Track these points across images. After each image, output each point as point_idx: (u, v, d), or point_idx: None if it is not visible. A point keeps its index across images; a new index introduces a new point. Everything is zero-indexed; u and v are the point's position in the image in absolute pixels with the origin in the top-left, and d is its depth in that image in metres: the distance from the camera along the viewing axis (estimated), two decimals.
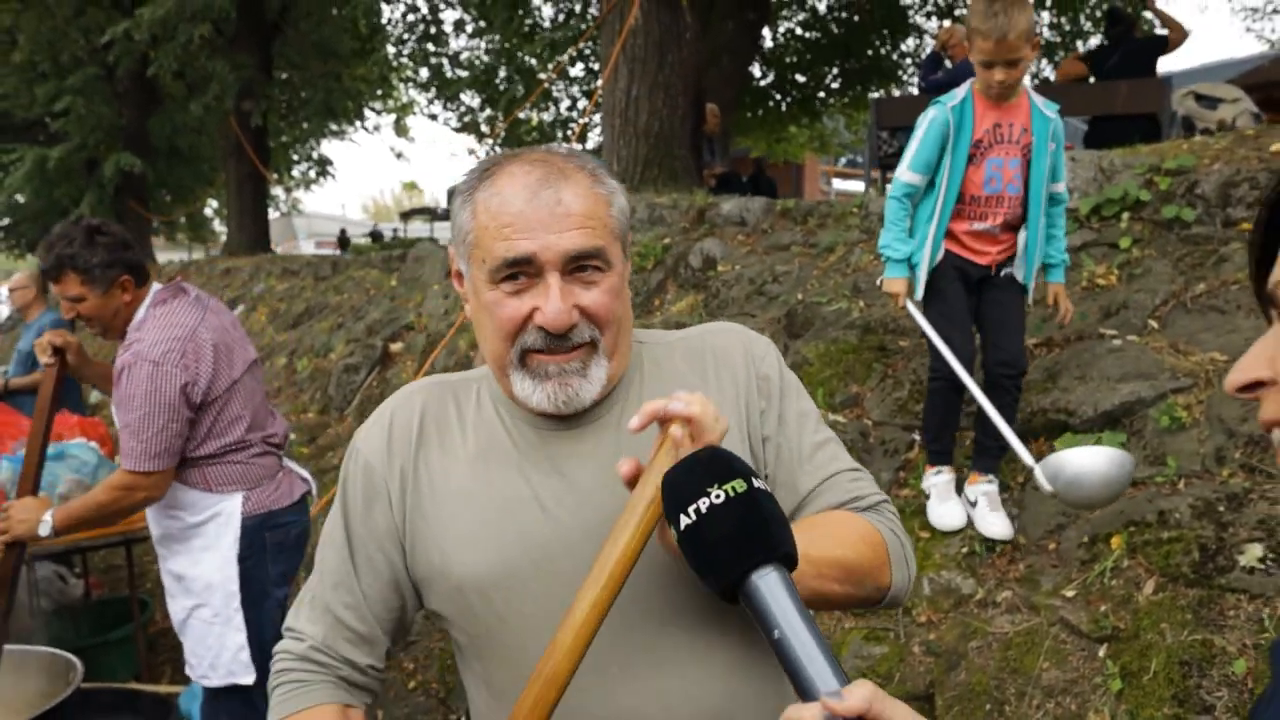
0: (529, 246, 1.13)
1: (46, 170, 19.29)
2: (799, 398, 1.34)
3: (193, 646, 2.87)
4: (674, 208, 6.48)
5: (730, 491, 0.91)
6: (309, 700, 1.26)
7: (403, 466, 1.28)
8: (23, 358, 6.38)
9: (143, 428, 2.61)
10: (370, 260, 9.87)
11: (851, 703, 0.78)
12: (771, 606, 0.87)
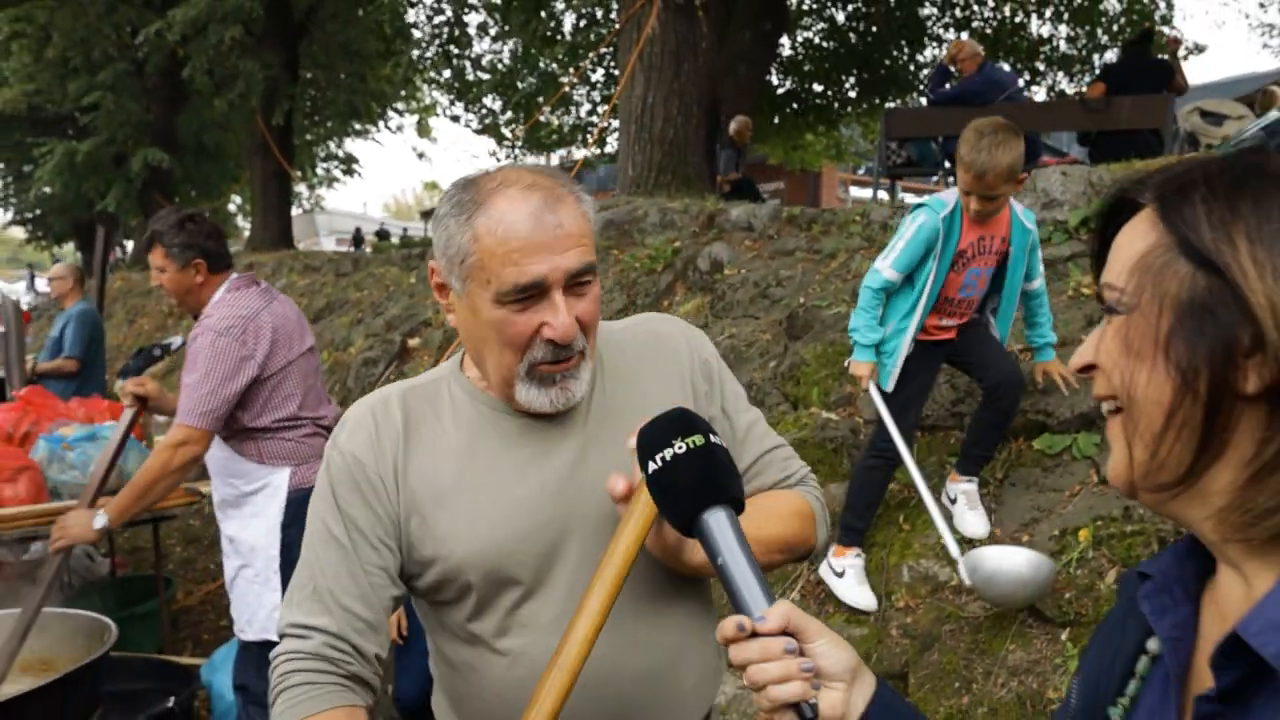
0: (540, 270, 1.23)
1: (75, 164, 19.60)
2: (733, 381, 1.54)
3: (236, 602, 3.19)
4: (685, 212, 6.68)
5: (691, 444, 1.10)
6: (321, 705, 1.29)
7: (395, 463, 1.36)
8: (53, 344, 6.63)
9: (198, 386, 2.94)
10: (390, 258, 10.11)
11: (772, 620, 0.98)
12: (718, 539, 1.06)
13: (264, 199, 17.27)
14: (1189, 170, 0.74)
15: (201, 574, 6.33)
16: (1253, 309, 0.68)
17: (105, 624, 3.14)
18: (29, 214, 29.62)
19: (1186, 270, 0.71)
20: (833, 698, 0.95)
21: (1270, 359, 0.67)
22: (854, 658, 0.98)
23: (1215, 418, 0.71)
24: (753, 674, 0.95)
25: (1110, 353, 0.78)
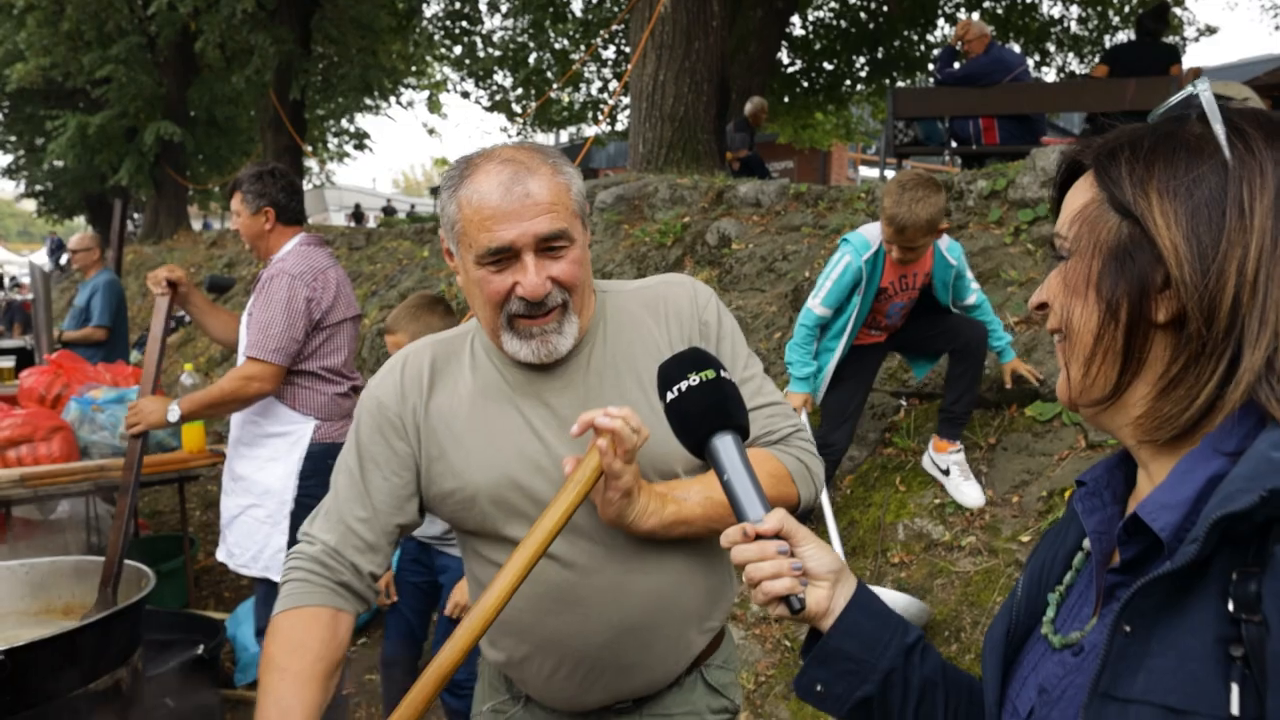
0: (508, 235, 1.42)
1: (88, 137, 19.73)
2: (733, 339, 1.68)
3: (238, 539, 3.38)
4: (694, 188, 6.82)
5: (704, 377, 1.25)
6: (309, 600, 1.49)
7: (415, 407, 1.57)
8: (77, 313, 6.80)
9: (271, 324, 3.18)
10: (402, 232, 10.27)
11: (769, 523, 1.14)
12: (724, 459, 1.21)
13: None
14: (1119, 136, 0.89)
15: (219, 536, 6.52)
16: (1163, 253, 0.83)
17: (143, 571, 3.31)
18: (41, 187, 29.79)
19: (1114, 221, 0.86)
20: (818, 594, 1.10)
21: (1176, 294, 0.82)
22: (838, 561, 1.14)
23: (1133, 342, 0.86)
24: (750, 571, 1.10)
25: (1055, 291, 0.93)
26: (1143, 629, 0.81)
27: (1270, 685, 0.71)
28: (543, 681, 1.60)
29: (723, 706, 1.74)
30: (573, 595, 1.51)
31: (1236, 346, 0.81)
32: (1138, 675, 0.80)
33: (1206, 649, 0.77)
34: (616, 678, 1.59)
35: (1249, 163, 0.81)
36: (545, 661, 1.57)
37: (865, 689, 1.10)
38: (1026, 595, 1.05)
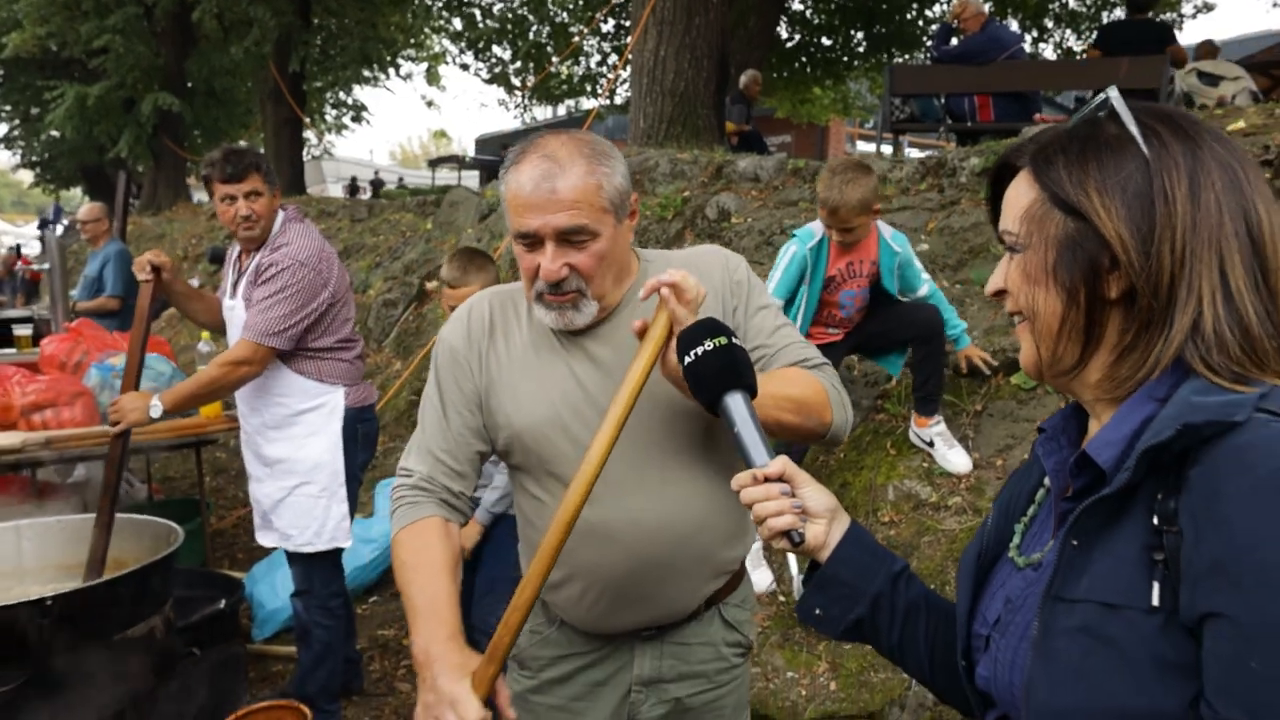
0: (532, 224, 1.61)
1: (86, 108, 19.68)
2: (763, 295, 1.86)
3: (293, 520, 3.42)
4: (694, 163, 6.96)
5: (717, 343, 1.42)
6: (420, 514, 1.73)
7: (480, 351, 1.80)
8: (89, 283, 6.93)
9: (273, 308, 3.22)
10: (405, 204, 10.38)
11: (772, 468, 1.30)
12: (734, 414, 1.39)
13: (277, 145, 17.45)
14: (1051, 141, 1.04)
15: (232, 500, 6.70)
16: (1108, 240, 0.98)
17: (171, 527, 3.48)
18: (37, 158, 29.72)
19: (1060, 217, 1.02)
20: (815, 529, 1.27)
21: (1125, 274, 0.98)
22: (833, 501, 1.31)
23: (1093, 319, 1.02)
24: (757, 510, 1.27)
25: (1015, 281, 1.08)
26: (1086, 543, 0.99)
27: (1183, 581, 0.88)
28: (573, 606, 1.80)
29: (736, 641, 1.93)
30: (603, 529, 1.70)
31: (1172, 313, 0.97)
32: (1082, 580, 0.97)
33: (1135, 556, 0.94)
34: (639, 606, 1.78)
35: (1164, 157, 0.97)
36: (576, 587, 1.76)
37: (857, 611, 1.27)
38: (995, 526, 1.22)
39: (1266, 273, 0.97)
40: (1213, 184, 0.97)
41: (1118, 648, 0.92)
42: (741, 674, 1.97)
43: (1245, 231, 0.97)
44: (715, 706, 1.91)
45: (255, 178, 3.31)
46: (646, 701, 1.87)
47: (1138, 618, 0.91)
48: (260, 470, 3.51)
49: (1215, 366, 0.95)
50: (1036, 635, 0.99)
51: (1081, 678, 0.93)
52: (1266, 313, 0.97)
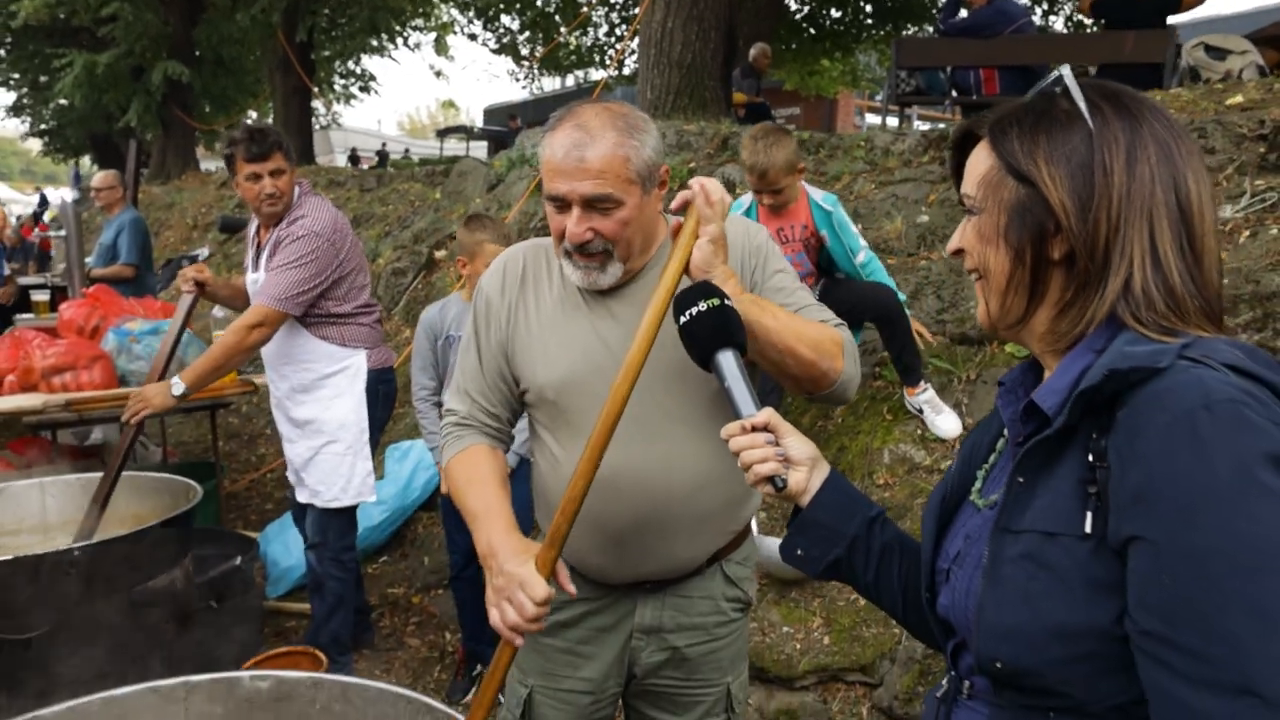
0: (561, 189, 1.71)
1: (95, 76, 19.69)
2: (780, 261, 1.95)
3: (321, 477, 3.60)
4: (700, 134, 7.02)
5: (710, 304, 1.52)
6: (466, 444, 1.90)
7: (510, 302, 1.91)
8: (104, 251, 7.02)
9: (286, 274, 3.37)
10: (414, 174, 10.46)
11: (758, 418, 1.40)
12: (725, 370, 1.48)
13: (285, 115, 17.51)
14: (1009, 113, 1.13)
15: (244, 464, 6.83)
16: (1053, 207, 1.08)
17: (189, 484, 3.60)
18: (46, 126, 29.75)
19: (1012, 184, 1.11)
20: (797, 476, 1.38)
21: (1067, 238, 1.08)
22: (814, 450, 1.41)
23: (1037, 277, 1.12)
24: (743, 457, 1.38)
25: (971, 241, 1.18)
26: (1031, 480, 1.09)
27: (1110, 510, 0.98)
28: (580, 554, 1.91)
29: (736, 596, 2.03)
30: (610, 484, 1.78)
31: (1107, 275, 1.07)
32: (1026, 513, 1.08)
33: (1072, 490, 1.04)
34: (640, 558, 1.89)
35: (1105, 132, 1.06)
36: (582, 537, 1.85)
37: (835, 552, 1.38)
38: (959, 473, 1.32)
39: (1193, 238, 1.07)
40: (1148, 157, 1.06)
41: (1056, 571, 1.02)
42: (740, 628, 2.07)
43: (1175, 201, 1.07)
44: (713, 658, 2.01)
45: (278, 156, 3.47)
46: (647, 649, 1.97)
47: (1073, 544, 1.01)
48: (292, 432, 3.69)
49: (1144, 321, 1.04)
50: (987, 564, 1.10)
51: (1024, 599, 1.04)
52: (1190, 274, 1.06)
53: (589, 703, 2.00)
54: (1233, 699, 0.87)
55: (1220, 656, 0.88)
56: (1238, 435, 0.91)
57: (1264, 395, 0.96)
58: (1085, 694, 1.01)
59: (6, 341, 4.81)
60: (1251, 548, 0.89)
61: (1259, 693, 0.86)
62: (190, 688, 1.96)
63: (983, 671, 1.11)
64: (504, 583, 1.62)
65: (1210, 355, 0.98)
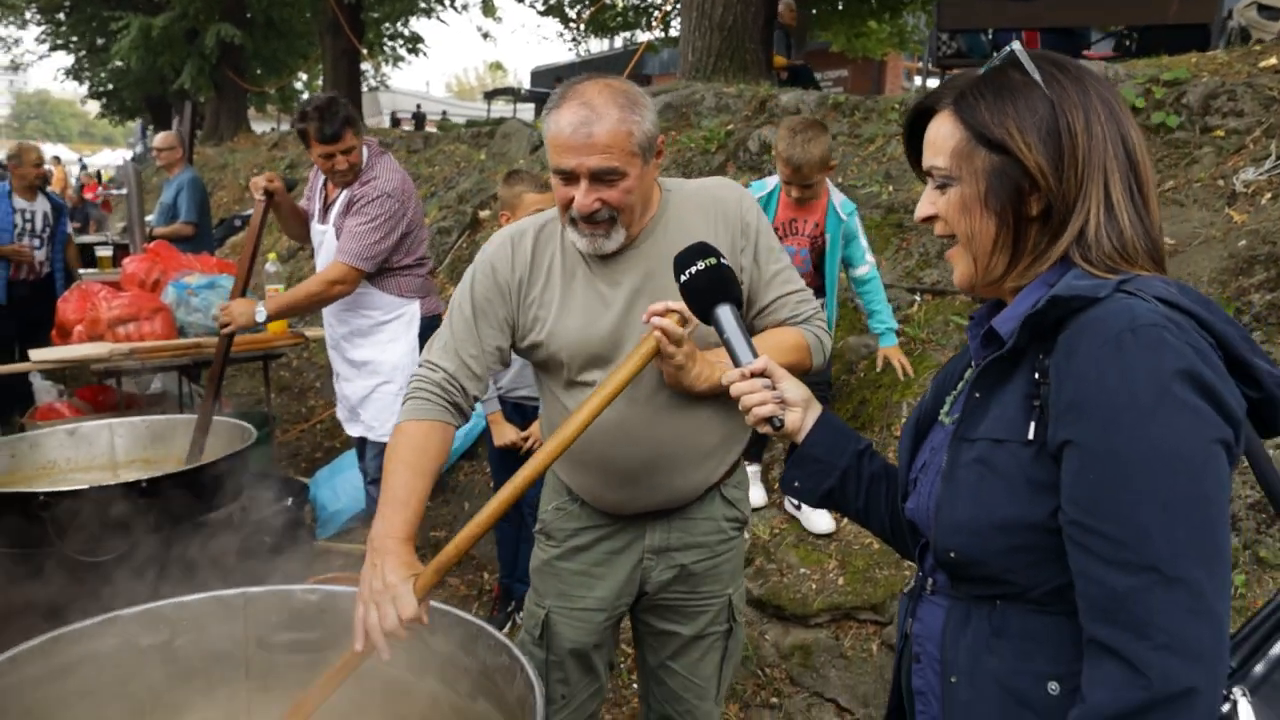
0: (569, 164, 1.85)
1: (151, 39, 20.02)
2: (768, 238, 2.10)
3: (375, 414, 3.93)
4: (739, 97, 7.12)
5: (708, 263, 1.67)
6: (429, 415, 1.94)
7: (521, 274, 2.04)
8: (164, 210, 7.29)
9: (365, 235, 3.66)
10: (460, 136, 10.64)
11: (755, 365, 1.56)
12: (724, 323, 1.63)
13: (335, 76, 17.71)
14: (969, 87, 1.25)
15: (294, 416, 7.11)
16: (1029, 169, 1.21)
17: (245, 427, 3.84)
18: (103, 89, 30.30)
19: (985, 153, 1.23)
20: (793, 416, 1.53)
21: (1044, 196, 1.21)
22: (807, 393, 1.57)
23: (1019, 235, 1.25)
24: (744, 400, 1.53)
25: (952, 211, 1.28)
26: (985, 394, 1.25)
27: (1050, 420, 1.14)
28: (594, 490, 2.11)
29: (734, 516, 2.22)
30: (620, 428, 1.98)
31: (1068, 222, 1.21)
32: (980, 423, 1.23)
33: (1019, 402, 1.20)
34: (649, 492, 2.08)
35: (1064, 99, 1.20)
36: (596, 475, 2.06)
37: (828, 483, 1.54)
38: (932, 398, 1.48)
39: (1140, 184, 1.22)
40: (1099, 117, 1.20)
41: (1002, 473, 1.18)
42: (737, 545, 2.26)
43: (1125, 154, 1.21)
44: (715, 572, 2.21)
45: (349, 135, 3.71)
46: (657, 567, 2.17)
47: (1018, 449, 1.17)
48: (348, 371, 4.00)
49: (1092, 260, 1.19)
50: (945, 468, 1.26)
51: (975, 498, 1.20)
52: (1139, 217, 1.21)
53: (602, 619, 2.21)
54: (1138, 574, 1.04)
55: (1131, 540, 1.05)
56: (1156, 355, 1.06)
57: (1186, 323, 1.10)
58: (1025, 580, 1.18)
59: (75, 294, 5.09)
60: (1161, 451, 1.05)
61: (1160, 569, 1.03)
62: (249, 598, 2.18)
63: (940, 564, 1.28)
64: (380, 588, 1.70)
65: (1144, 289, 1.13)
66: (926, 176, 1.32)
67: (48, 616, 2.00)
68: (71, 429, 3.76)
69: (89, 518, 2.96)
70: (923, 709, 1.33)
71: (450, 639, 2.03)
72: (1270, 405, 1.15)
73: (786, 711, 3.22)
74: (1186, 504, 1.04)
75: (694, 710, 2.29)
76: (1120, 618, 1.04)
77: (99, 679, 1.96)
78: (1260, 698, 1.08)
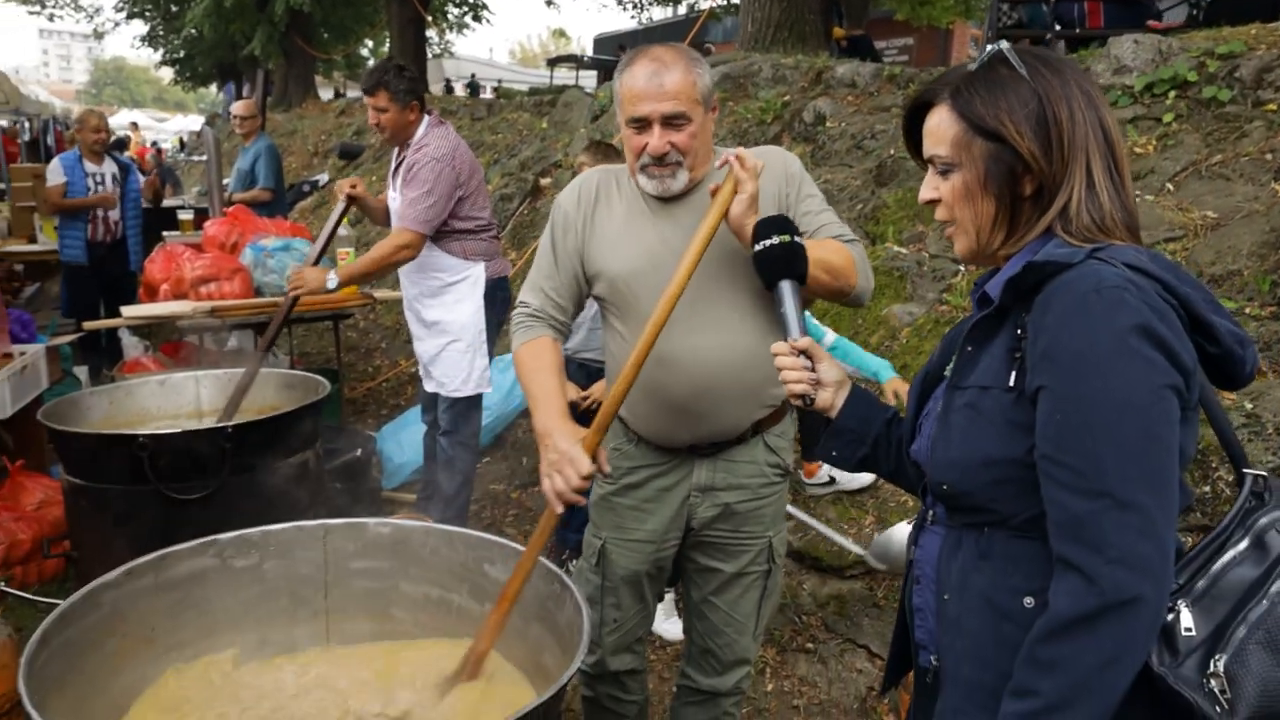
0: (644, 110, 2.10)
1: (223, 6, 20.49)
2: (811, 186, 2.31)
3: (445, 370, 4.16)
4: (796, 68, 7.22)
5: (783, 240, 1.83)
6: (536, 334, 2.27)
7: (585, 212, 2.31)
8: (242, 176, 7.57)
9: (422, 200, 3.88)
10: (522, 104, 10.85)
11: (800, 343, 1.72)
12: (785, 296, 1.79)
13: (401, 44, 18.00)
14: (963, 83, 1.40)
15: (361, 374, 7.42)
16: (1022, 154, 1.36)
17: (319, 380, 4.09)
18: (176, 56, 31.02)
19: (982, 142, 1.39)
20: (824, 395, 1.71)
21: (1036, 177, 1.37)
22: (842, 374, 1.73)
23: (1015, 213, 1.42)
24: (784, 374, 1.71)
25: (954, 195, 1.44)
26: (975, 348, 1.42)
27: (1027, 369, 1.31)
28: (644, 419, 2.33)
29: (776, 463, 2.41)
30: (670, 357, 2.19)
31: (1055, 199, 1.37)
32: (970, 373, 1.41)
33: (1004, 354, 1.37)
34: (696, 422, 2.29)
35: (1049, 89, 1.36)
36: (647, 404, 2.28)
37: (862, 451, 1.73)
38: (939, 356, 1.65)
39: (1116, 163, 1.38)
40: (1079, 105, 1.36)
41: (987, 416, 1.36)
42: (780, 490, 2.45)
43: (1103, 138, 1.37)
44: (757, 514, 2.40)
45: (382, 94, 3.97)
46: (702, 504, 2.37)
47: (1000, 395, 1.35)
48: (421, 330, 4.24)
49: (1071, 232, 1.35)
50: (940, 413, 1.44)
51: (964, 437, 1.38)
52: (1116, 194, 1.37)
53: (652, 551, 2.42)
54: (1096, 500, 1.21)
55: (1089, 471, 1.22)
56: (1116, 312, 1.23)
57: (1149, 286, 1.27)
58: (1007, 509, 1.36)
59: (160, 255, 5.41)
60: (1117, 395, 1.22)
61: (1114, 495, 1.21)
62: (328, 529, 2.42)
63: (936, 497, 1.46)
64: (556, 458, 1.95)
65: (1115, 257, 1.29)
66: (928, 164, 1.48)
67: (145, 547, 2.24)
68: (162, 380, 4.05)
69: (181, 458, 3.24)
70: (920, 624, 1.52)
71: (507, 569, 2.25)
72: (1229, 360, 1.31)
73: (821, 656, 3.41)
74: (1138, 440, 1.20)
75: (733, 644, 2.50)
76: (1080, 537, 1.22)
77: (200, 593, 2.23)
78: (1200, 608, 1.25)
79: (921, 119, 1.47)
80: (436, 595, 2.38)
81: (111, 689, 2.03)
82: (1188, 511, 1.33)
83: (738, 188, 2.01)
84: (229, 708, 2.12)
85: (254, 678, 2.25)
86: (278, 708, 2.16)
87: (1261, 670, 1.19)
